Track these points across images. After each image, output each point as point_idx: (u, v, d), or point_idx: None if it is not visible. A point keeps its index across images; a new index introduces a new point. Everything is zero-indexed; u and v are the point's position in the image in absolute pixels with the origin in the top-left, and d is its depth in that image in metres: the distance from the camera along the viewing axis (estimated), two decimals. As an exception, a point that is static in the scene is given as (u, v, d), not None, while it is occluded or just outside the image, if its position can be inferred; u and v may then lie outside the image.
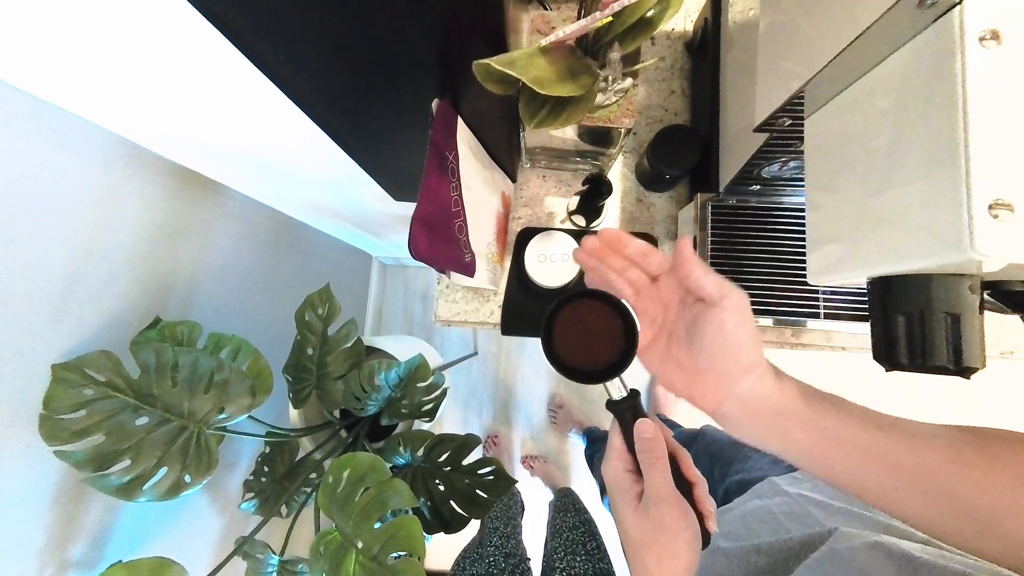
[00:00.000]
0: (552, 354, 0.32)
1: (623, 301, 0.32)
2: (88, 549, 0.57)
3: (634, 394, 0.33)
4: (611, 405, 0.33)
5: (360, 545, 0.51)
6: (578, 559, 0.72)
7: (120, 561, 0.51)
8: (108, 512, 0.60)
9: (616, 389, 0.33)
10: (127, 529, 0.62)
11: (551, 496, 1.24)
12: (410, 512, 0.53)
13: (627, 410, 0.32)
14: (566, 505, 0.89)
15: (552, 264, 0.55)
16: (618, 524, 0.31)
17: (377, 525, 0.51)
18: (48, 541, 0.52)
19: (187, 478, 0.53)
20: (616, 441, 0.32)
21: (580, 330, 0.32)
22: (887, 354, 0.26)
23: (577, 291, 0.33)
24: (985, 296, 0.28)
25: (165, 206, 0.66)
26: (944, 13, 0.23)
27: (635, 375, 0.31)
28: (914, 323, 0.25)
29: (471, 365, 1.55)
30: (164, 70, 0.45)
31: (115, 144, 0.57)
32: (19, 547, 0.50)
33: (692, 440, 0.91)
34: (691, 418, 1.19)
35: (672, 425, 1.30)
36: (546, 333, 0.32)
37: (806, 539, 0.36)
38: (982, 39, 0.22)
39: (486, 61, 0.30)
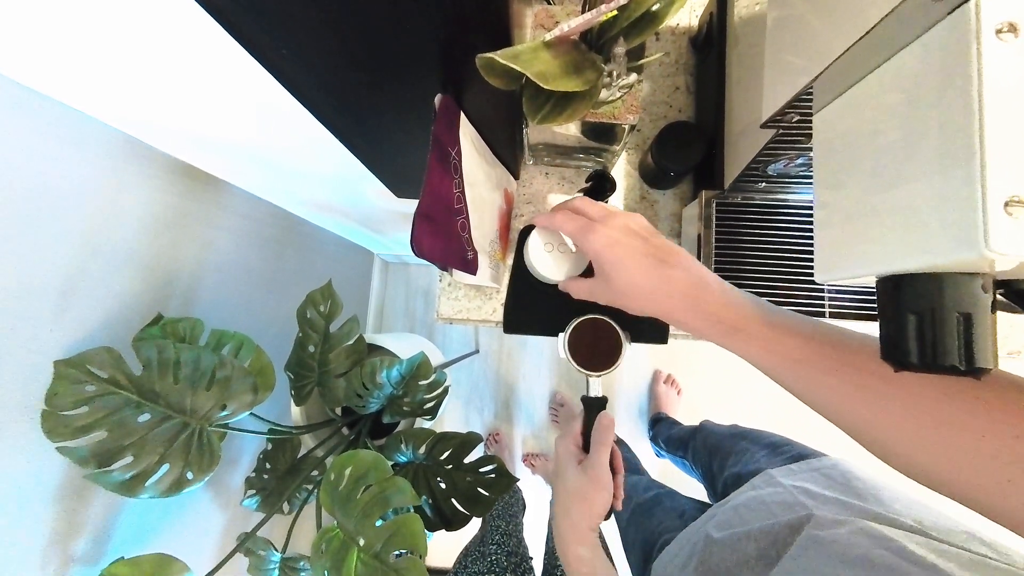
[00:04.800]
0: (571, 349, 0.45)
1: (618, 329, 0.44)
2: (91, 545, 0.57)
3: (604, 399, 0.44)
4: (586, 399, 0.44)
5: (362, 543, 0.51)
6: (579, 557, 0.72)
7: (122, 558, 0.51)
8: (110, 508, 0.60)
9: (595, 388, 0.44)
10: (129, 526, 0.63)
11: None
12: (412, 510, 0.53)
13: (596, 406, 0.43)
14: (567, 503, 0.89)
15: (553, 256, 0.54)
16: (559, 479, 0.40)
17: (379, 523, 0.51)
18: (51, 537, 0.52)
19: (189, 475, 0.53)
20: (576, 426, 0.42)
21: (588, 338, 0.45)
22: (896, 354, 0.26)
23: (595, 315, 0.45)
24: (997, 296, 0.28)
25: (168, 202, 0.66)
26: (959, 5, 0.22)
27: (633, 381, 0.32)
28: (925, 322, 0.24)
29: (472, 363, 1.54)
30: (166, 65, 0.45)
31: (118, 140, 0.57)
32: (23, 543, 0.50)
33: (691, 435, 0.91)
34: (690, 416, 1.19)
35: (672, 423, 1.30)
36: (571, 335, 0.45)
37: (791, 522, 0.36)
38: (999, 32, 0.21)
39: (490, 55, 0.30)
